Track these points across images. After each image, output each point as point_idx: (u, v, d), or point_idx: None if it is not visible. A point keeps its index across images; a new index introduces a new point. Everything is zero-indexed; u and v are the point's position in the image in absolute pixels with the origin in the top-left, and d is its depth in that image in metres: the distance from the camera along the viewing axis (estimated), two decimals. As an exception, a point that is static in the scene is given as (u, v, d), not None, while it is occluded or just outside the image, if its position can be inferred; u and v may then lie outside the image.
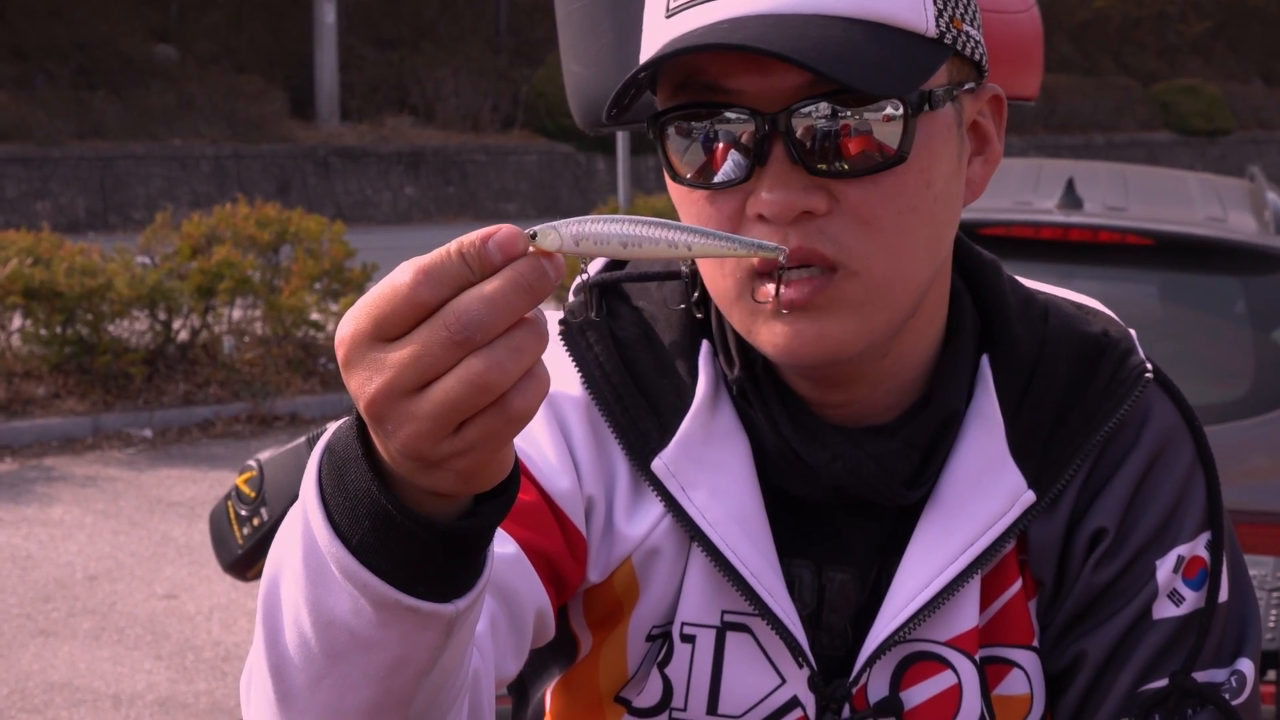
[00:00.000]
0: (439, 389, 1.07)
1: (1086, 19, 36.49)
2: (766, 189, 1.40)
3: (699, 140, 1.43)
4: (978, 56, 1.49)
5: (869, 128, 1.40)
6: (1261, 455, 4.71)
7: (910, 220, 1.43)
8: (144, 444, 10.74)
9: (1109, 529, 1.54)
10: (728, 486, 1.54)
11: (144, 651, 6.86)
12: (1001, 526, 1.52)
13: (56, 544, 8.34)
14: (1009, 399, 1.55)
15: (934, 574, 1.52)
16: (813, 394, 1.54)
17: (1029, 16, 2.31)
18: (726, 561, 1.52)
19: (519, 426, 1.10)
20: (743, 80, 1.40)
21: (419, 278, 1.07)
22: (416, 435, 1.08)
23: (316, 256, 12.02)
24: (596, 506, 1.56)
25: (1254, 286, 4.96)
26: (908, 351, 1.53)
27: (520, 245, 1.08)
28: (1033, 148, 30.97)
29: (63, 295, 10.78)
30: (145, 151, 23.92)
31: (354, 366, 1.09)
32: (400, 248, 14.70)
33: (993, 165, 1.56)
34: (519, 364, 1.07)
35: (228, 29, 28.56)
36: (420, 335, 1.07)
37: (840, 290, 1.42)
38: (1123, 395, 1.56)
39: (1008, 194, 5.38)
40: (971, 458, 1.54)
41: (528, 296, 1.07)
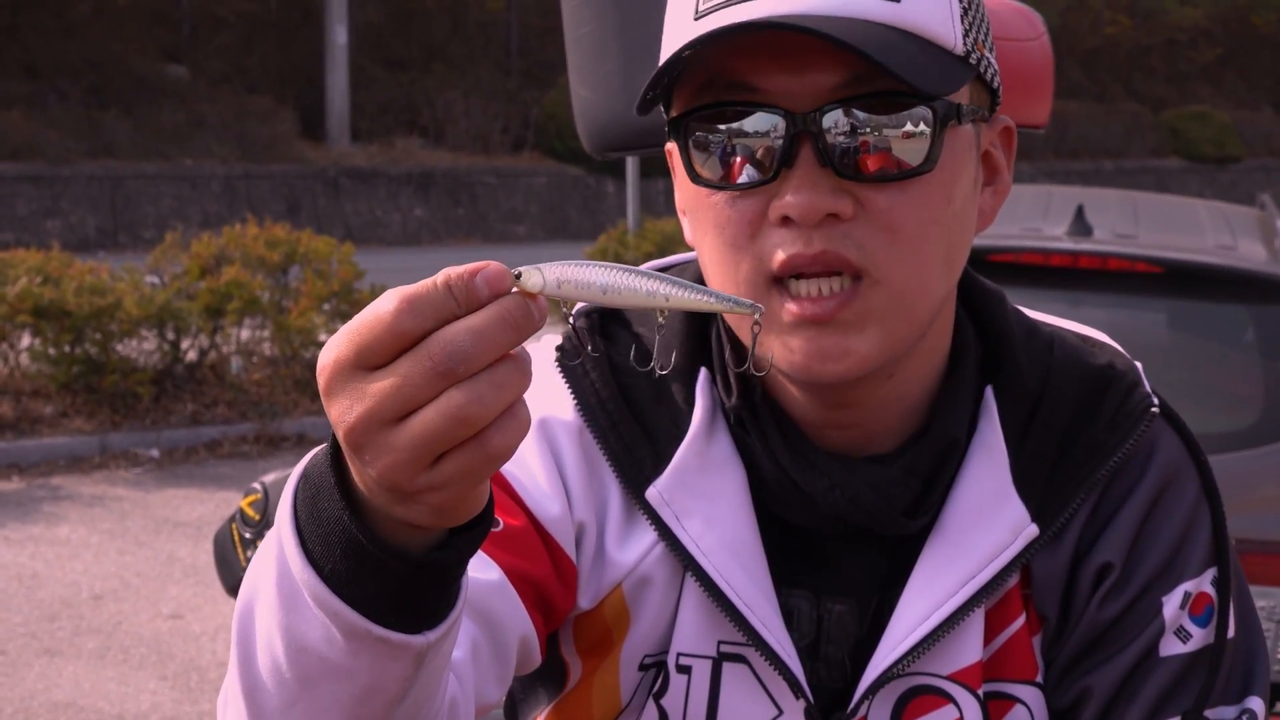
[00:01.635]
0: (419, 420, 1.07)
1: (1097, 45, 36.52)
2: (793, 191, 1.39)
3: (724, 140, 1.42)
4: (995, 84, 1.50)
5: (899, 134, 1.39)
6: (1270, 484, 4.70)
7: (932, 233, 1.42)
8: (151, 464, 10.74)
9: (1115, 564, 1.53)
10: (722, 515, 1.53)
11: (149, 671, 6.84)
12: (1004, 560, 1.51)
13: (63, 563, 8.34)
14: (1013, 430, 1.54)
15: (935, 606, 1.50)
16: (813, 420, 1.53)
17: (1039, 44, 2.30)
18: (720, 592, 1.51)
19: (497, 464, 1.09)
20: (774, 79, 1.39)
21: (403, 306, 1.06)
22: (394, 466, 1.08)
23: (325, 277, 12.03)
24: (588, 533, 1.55)
25: (1263, 315, 4.95)
26: (912, 377, 1.52)
27: (507, 283, 1.08)
28: (1042, 174, 30.98)
29: (71, 314, 10.79)
30: (156, 171, 23.97)
31: (335, 394, 1.09)
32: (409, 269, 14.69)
33: (1002, 196, 1.56)
34: (500, 400, 1.07)
35: (239, 49, 28.63)
36: (403, 365, 1.07)
37: (866, 302, 1.41)
38: (1128, 429, 1.55)
39: (1017, 221, 5.37)
40: (975, 489, 1.53)
41: (513, 333, 1.07)
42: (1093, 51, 36.56)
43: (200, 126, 25.37)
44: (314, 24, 28.99)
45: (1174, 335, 5.11)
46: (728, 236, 1.43)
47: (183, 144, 24.85)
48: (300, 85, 28.44)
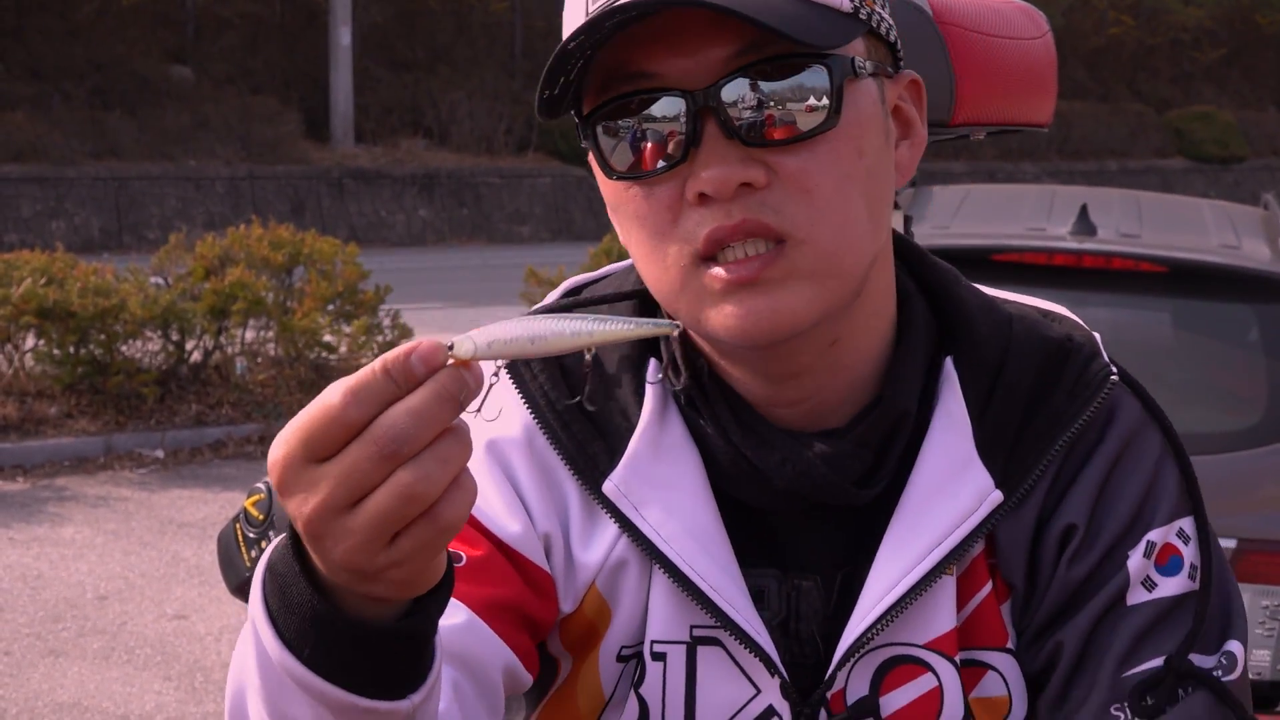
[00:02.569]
0: (372, 503, 1.11)
1: (1101, 45, 36.52)
2: (704, 168, 1.40)
3: (630, 132, 1.44)
4: (892, 38, 1.51)
5: (798, 96, 1.41)
6: (1274, 484, 4.70)
7: (848, 188, 1.43)
8: (156, 464, 10.74)
9: (1079, 525, 1.54)
10: (680, 502, 1.54)
11: (153, 672, 6.85)
12: (969, 526, 1.52)
13: (67, 563, 8.35)
14: (975, 400, 1.56)
15: (903, 573, 1.51)
16: (763, 398, 1.54)
17: (1043, 43, 2.30)
18: (685, 577, 1.52)
19: (450, 535, 1.14)
20: (669, 63, 1.41)
21: (347, 398, 1.11)
22: (353, 549, 1.13)
23: (330, 278, 12.03)
24: (554, 541, 1.57)
25: (1267, 314, 4.95)
26: (856, 343, 1.53)
27: (440, 357, 1.12)
28: (1046, 174, 31.00)
29: (76, 315, 10.79)
30: (160, 172, 23.99)
31: (289, 488, 1.13)
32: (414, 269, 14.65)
33: (919, 148, 1.58)
34: (446, 473, 1.11)
35: (243, 51, 28.65)
36: (351, 453, 1.11)
37: (791, 261, 1.42)
38: (1088, 397, 1.56)
39: (1021, 220, 5.37)
40: (939, 458, 1.54)
41: (450, 407, 1.11)
42: (1097, 51, 36.57)
43: (205, 128, 25.40)
44: (318, 25, 29.01)
45: (1178, 335, 5.10)
46: (651, 226, 1.45)
47: (187, 145, 24.88)
48: (305, 86, 28.47)
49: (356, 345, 12.17)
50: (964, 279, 1.65)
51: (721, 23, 1.39)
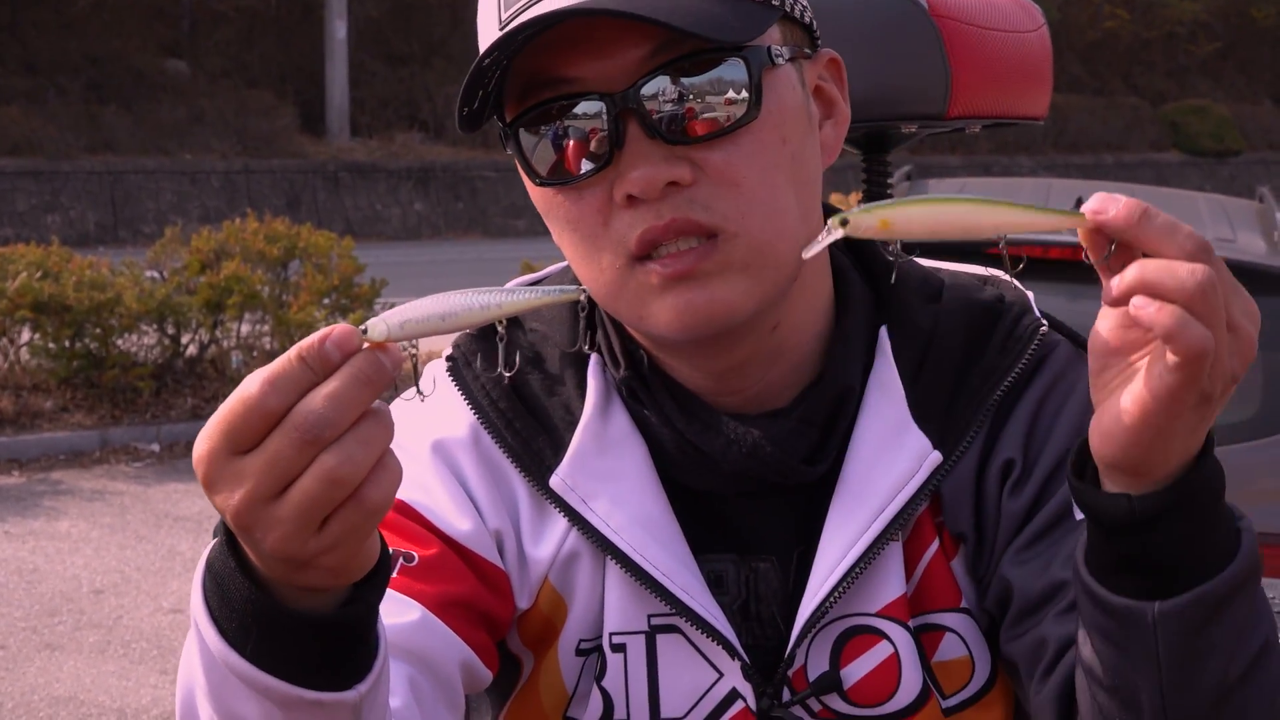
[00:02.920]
0: (297, 490, 1.12)
1: (1096, 39, 36.51)
2: (628, 168, 1.41)
3: (553, 137, 1.44)
4: (807, 19, 1.52)
5: (717, 90, 1.41)
6: (1270, 477, 4.70)
7: (774, 177, 1.44)
8: (151, 458, 10.74)
9: (1015, 459, 1.55)
10: (628, 493, 1.55)
11: (149, 666, 6.85)
12: (911, 489, 1.53)
13: (63, 557, 8.34)
14: (908, 366, 1.57)
15: (850, 544, 1.52)
16: (706, 385, 1.55)
17: (1039, 35, 2.31)
18: (637, 566, 1.53)
19: (377, 517, 1.15)
20: (586, 66, 1.41)
21: (265, 388, 1.11)
22: (284, 538, 1.13)
23: (325, 272, 12.03)
24: (506, 538, 1.58)
25: (1263, 307, 4.87)
26: (796, 325, 1.54)
27: (355, 341, 1.13)
28: (1042, 167, 30.99)
29: (71, 309, 10.79)
30: (155, 166, 23.97)
31: (214, 482, 1.14)
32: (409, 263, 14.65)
33: (843, 127, 1.58)
34: (369, 454, 1.12)
35: (239, 44, 28.62)
36: (273, 442, 1.12)
37: (724, 253, 1.43)
38: (1019, 351, 1.57)
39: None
40: (875, 426, 1.55)
41: (368, 389, 1.12)
42: (1092, 45, 36.55)
43: (200, 122, 25.38)
44: (314, 19, 28.98)
45: (1174, 328, 5.10)
46: (583, 230, 1.46)
47: (182, 139, 24.86)
48: (300, 80, 28.44)
49: (352, 339, 12.15)
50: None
51: (634, 24, 1.39)
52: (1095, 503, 1.26)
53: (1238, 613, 1.27)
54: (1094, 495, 1.26)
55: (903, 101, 2.20)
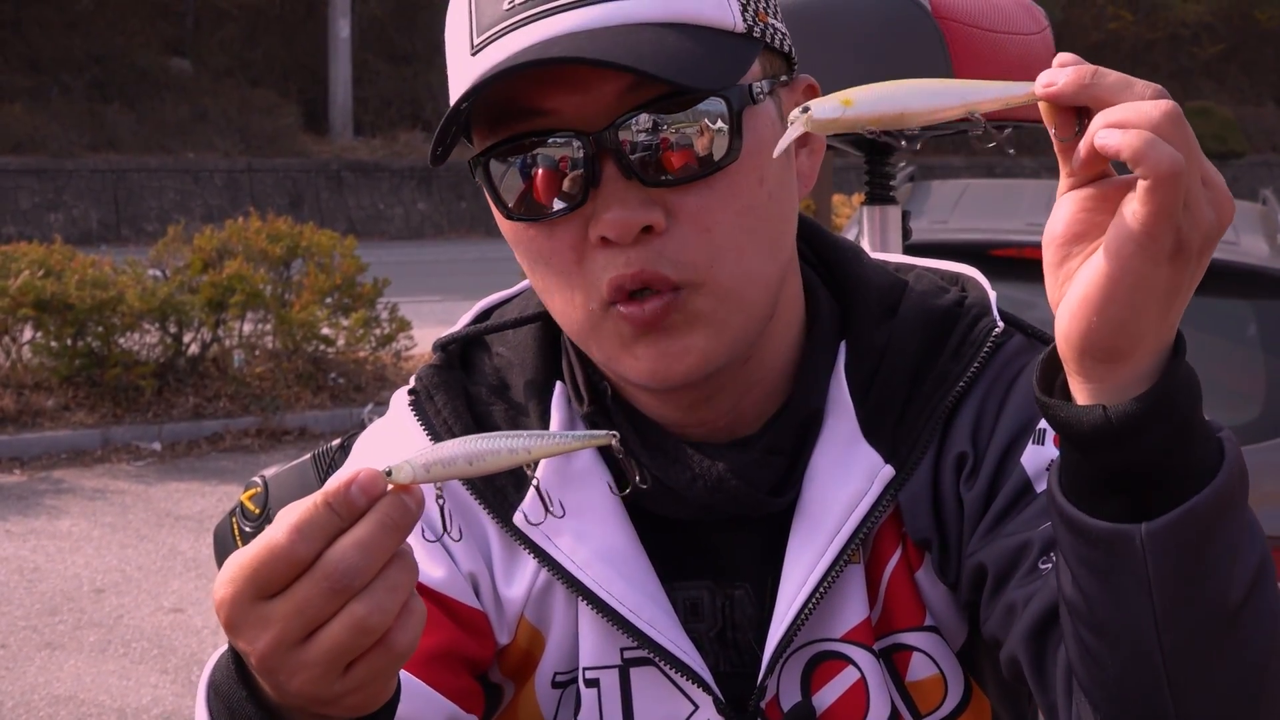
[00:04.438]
0: (326, 636, 1.12)
1: (1100, 40, 36.49)
2: (604, 209, 1.37)
3: (526, 172, 1.40)
4: (786, 48, 1.48)
5: (696, 130, 1.37)
6: (1273, 480, 4.68)
7: (748, 221, 1.41)
8: (153, 457, 10.74)
9: (967, 451, 1.50)
10: (592, 527, 1.52)
11: (150, 665, 6.84)
12: (865, 506, 1.49)
13: (64, 556, 8.34)
14: (859, 383, 1.53)
15: (809, 569, 1.49)
16: (675, 415, 1.52)
17: (1042, 38, 2.30)
18: (603, 602, 1.51)
19: (403, 660, 1.15)
20: (561, 100, 1.38)
21: (293, 535, 1.11)
22: (310, 681, 1.13)
23: (328, 271, 12.03)
24: (480, 579, 1.56)
25: (1266, 310, 4.95)
26: (768, 357, 1.51)
27: (380, 485, 1.13)
28: (1046, 169, 30.95)
29: (74, 307, 10.79)
30: (158, 164, 23.98)
31: (239, 626, 1.14)
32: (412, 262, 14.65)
33: (818, 155, 1.55)
34: (397, 601, 1.12)
35: (242, 43, 28.63)
36: (301, 589, 1.11)
37: (690, 304, 1.40)
38: (972, 355, 1.53)
39: (1020, 215, 5.37)
40: (829, 449, 1.52)
41: (395, 535, 1.12)
42: (1096, 46, 36.52)
43: (203, 120, 25.40)
44: (317, 17, 28.99)
45: (1176, 330, 5.10)
46: (556, 266, 1.43)
47: (185, 137, 24.87)
48: (303, 79, 28.45)
49: (354, 338, 12.17)
50: (865, 255, 1.63)
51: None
52: (1067, 416, 1.17)
53: (1231, 528, 1.17)
54: (1065, 409, 1.17)
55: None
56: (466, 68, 1.42)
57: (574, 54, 1.33)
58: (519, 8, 1.39)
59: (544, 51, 1.35)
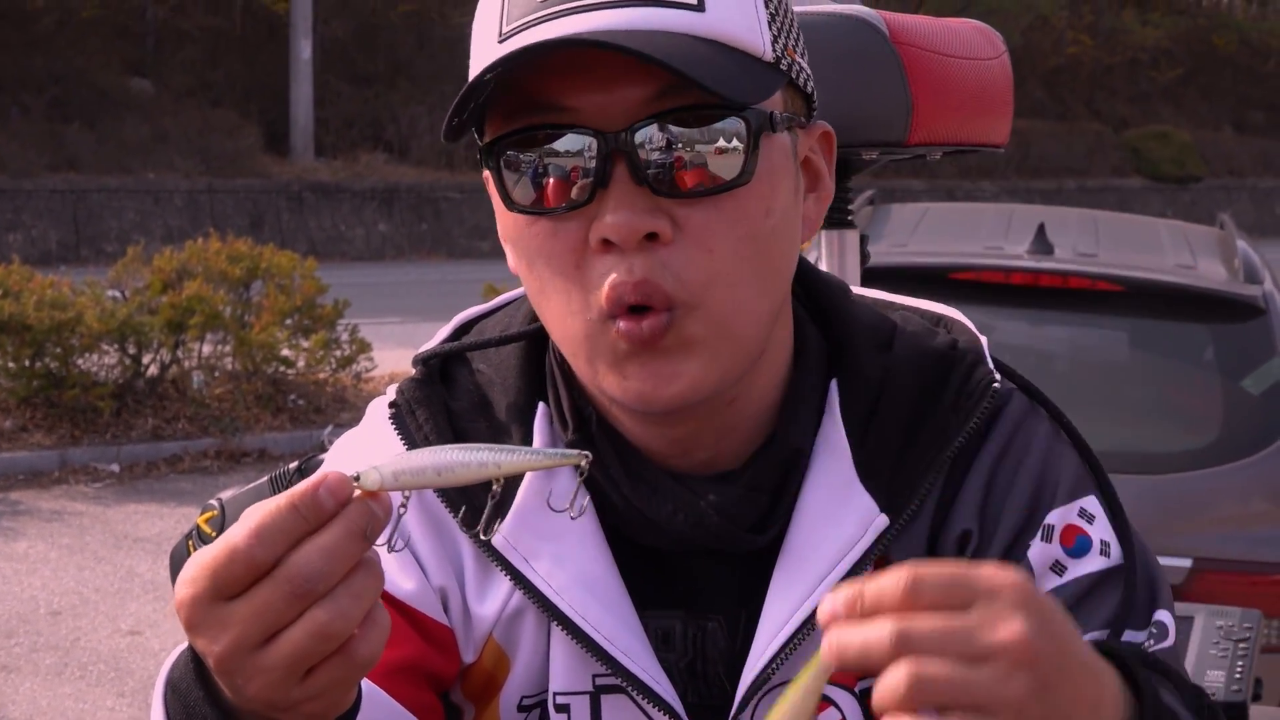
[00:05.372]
0: (285, 641, 1.11)
1: (1059, 65, 36.68)
2: (610, 211, 1.35)
3: (535, 165, 1.38)
4: (809, 89, 1.48)
5: (713, 147, 1.36)
6: (1229, 503, 4.72)
7: (747, 249, 1.39)
8: (111, 478, 10.68)
9: (972, 529, 1.50)
10: (571, 552, 1.50)
11: (106, 688, 6.80)
12: (856, 554, 1.48)
13: (20, 578, 8.29)
14: (855, 424, 1.51)
15: (793, 609, 1.48)
16: (656, 446, 1.50)
17: (1000, 63, 2.31)
18: (578, 628, 1.49)
19: (365, 670, 1.14)
20: (584, 97, 1.36)
21: (252, 540, 1.10)
22: (267, 686, 1.12)
23: (288, 292, 11.99)
24: (451, 595, 1.54)
25: (1223, 334, 4.98)
26: (754, 394, 1.49)
27: (347, 490, 1.12)
28: (1004, 192, 31.10)
29: (32, 328, 10.73)
30: (118, 185, 23.87)
31: (198, 627, 1.13)
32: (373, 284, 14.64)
33: (825, 203, 1.54)
34: (360, 608, 1.12)
35: (203, 63, 28.54)
36: (262, 592, 1.10)
37: (686, 328, 1.38)
38: (971, 408, 1.52)
39: (979, 238, 5.40)
40: (821, 488, 1.50)
41: (361, 542, 1.11)
42: (1055, 70, 36.72)
43: (163, 141, 25.29)
44: (279, 39, 28.92)
45: (1134, 354, 5.13)
46: (555, 266, 1.40)
47: (146, 158, 24.76)
48: (264, 100, 28.37)
49: (314, 360, 12.14)
50: (852, 293, 1.62)
51: (640, 63, 1.34)
52: None
53: None
54: None
55: (864, 128, 2.19)
56: (491, 53, 1.40)
57: (611, 42, 1.32)
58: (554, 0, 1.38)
59: (580, 44, 1.33)
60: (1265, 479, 4.70)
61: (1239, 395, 4.93)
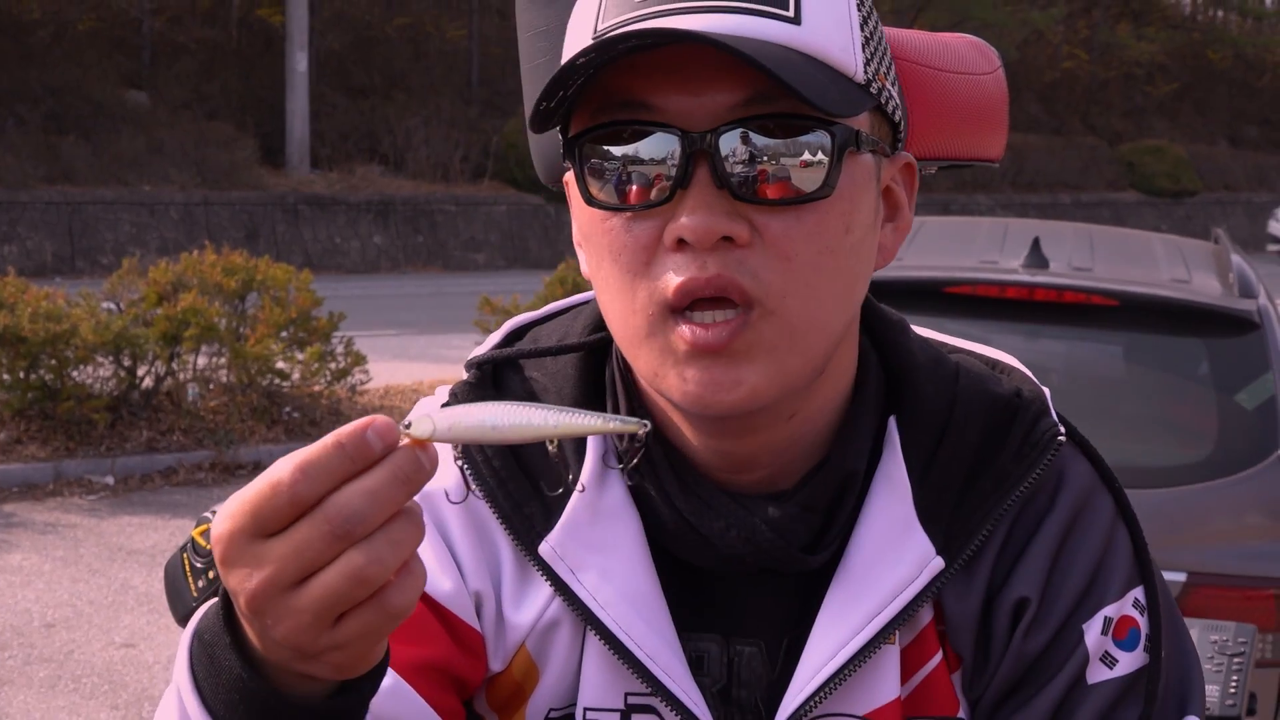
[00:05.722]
0: (319, 583, 1.09)
1: (1055, 79, 36.76)
2: (688, 212, 1.34)
3: (620, 161, 1.38)
4: (897, 118, 1.48)
5: (797, 158, 1.36)
6: (1224, 518, 4.71)
7: (828, 262, 1.38)
8: (106, 491, 10.67)
9: (1031, 598, 1.49)
10: (618, 566, 1.49)
11: (100, 701, 6.79)
12: (910, 594, 1.47)
13: (14, 591, 8.28)
14: (916, 461, 1.51)
15: (841, 643, 1.47)
16: (711, 457, 1.49)
17: (994, 78, 2.31)
18: (620, 644, 1.48)
19: (396, 622, 1.12)
20: (671, 98, 1.36)
21: (297, 475, 1.08)
22: (296, 629, 1.11)
23: (283, 304, 11.99)
24: (485, 600, 1.53)
25: (1218, 348, 4.98)
26: (813, 416, 1.49)
27: (396, 435, 1.10)
28: (999, 206, 31.17)
29: (27, 340, 10.72)
30: (114, 197, 23.89)
31: (233, 563, 1.11)
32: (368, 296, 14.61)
33: (903, 233, 1.53)
34: (398, 557, 1.09)
35: (199, 75, 28.58)
36: (301, 530, 1.09)
37: (757, 332, 1.37)
38: (1034, 459, 1.51)
39: (974, 252, 5.40)
40: (878, 523, 1.49)
41: (405, 489, 1.09)
42: (1050, 85, 36.80)
43: (159, 153, 25.31)
44: (275, 51, 28.97)
45: (1129, 368, 5.13)
46: (624, 263, 1.39)
47: (141, 170, 24.78)
48: (260, 112, 28.41)
49: (309, 372, 12.13)
50: (911, 329, 1.61)
51: (732, 66, 1.33)
52: None
53: None
54: None
55: (859, 142, 2.19)
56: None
57: (711, 39, 1.31)
58: (652, 1, 1.37)
59: (678, 38, 1.33)
60: (1259, 493, 4.70)
61: (1233, 410, 4.92)
